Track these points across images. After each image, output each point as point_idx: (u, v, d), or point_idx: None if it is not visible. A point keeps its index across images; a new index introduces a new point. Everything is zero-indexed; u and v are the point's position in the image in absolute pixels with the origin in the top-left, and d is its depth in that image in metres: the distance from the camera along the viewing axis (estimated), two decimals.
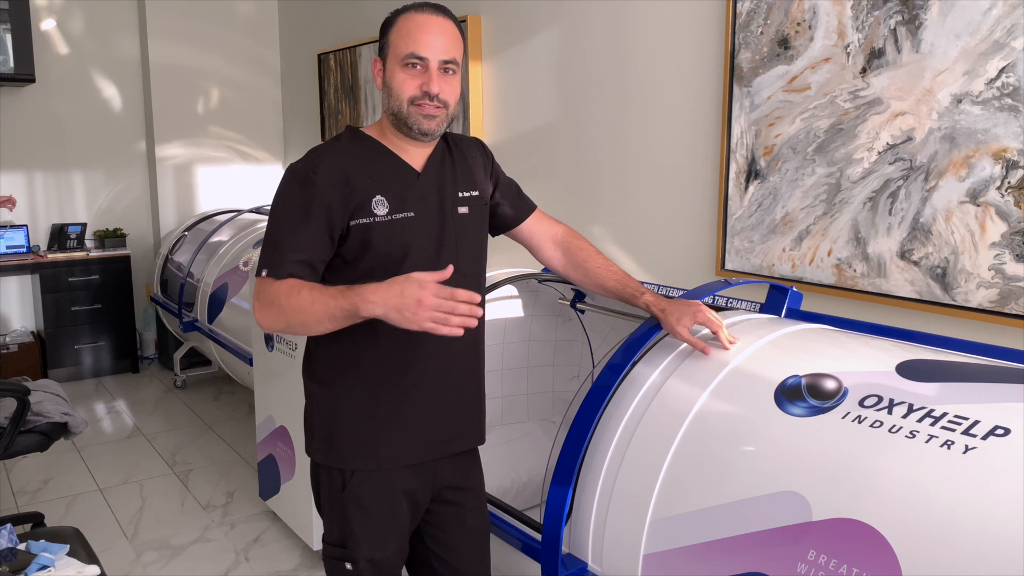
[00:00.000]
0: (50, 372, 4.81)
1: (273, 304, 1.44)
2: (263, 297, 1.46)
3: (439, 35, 1.48)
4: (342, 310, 1.37)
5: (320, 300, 1.39)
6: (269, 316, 1.45)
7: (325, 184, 1.47)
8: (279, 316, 1.44)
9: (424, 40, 1.47)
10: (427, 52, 1.47)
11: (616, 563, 1.52)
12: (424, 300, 1.28)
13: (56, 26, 4.96)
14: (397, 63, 1.49)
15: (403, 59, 1.48)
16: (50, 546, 1.86)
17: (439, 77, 1.48)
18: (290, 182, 1.50)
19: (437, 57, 1.48)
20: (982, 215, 1.95)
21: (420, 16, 1.48)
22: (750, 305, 2.03)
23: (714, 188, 2.62)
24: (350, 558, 1.58)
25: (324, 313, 1.39)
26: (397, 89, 1.49)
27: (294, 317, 1.42)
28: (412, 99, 1.48)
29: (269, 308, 1.45)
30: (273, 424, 2.93)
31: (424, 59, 1.47)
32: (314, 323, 1.41)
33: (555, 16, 3.19)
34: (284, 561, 2.83)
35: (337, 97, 4.85)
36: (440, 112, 1.50)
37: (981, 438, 1.18)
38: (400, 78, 1.49)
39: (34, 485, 3.44)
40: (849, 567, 1.17)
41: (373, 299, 1.32)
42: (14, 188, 4.95)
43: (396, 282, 1.32)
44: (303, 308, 1.41)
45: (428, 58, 1.47)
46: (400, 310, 1.30)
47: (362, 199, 1.48)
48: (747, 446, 1.40)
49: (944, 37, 1.97)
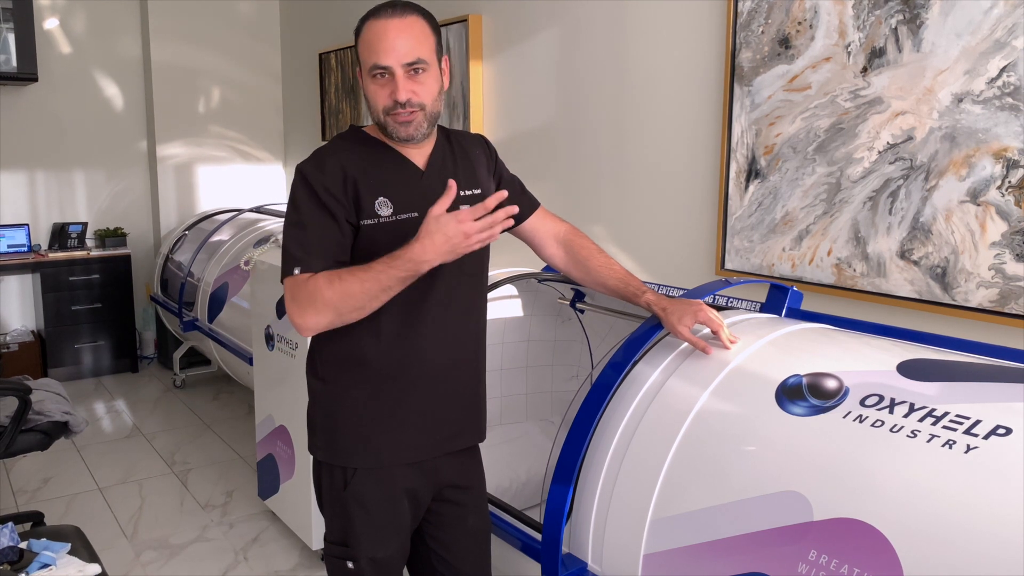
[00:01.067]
0: (50, 371, 4.81)
1: (315, 300, 1.41)
2: (300, 297, 1.43)
3: (399, 38, 1.44)
4: (398, 279, 1.39)
5: (369, 278, 1.39)
6: (313, 314, 1.42)
7: (334, 181, 1.48)
8: (325, 309, 1.41)
9: (384, 48, 1.44)
10: (388, 60, 1.44)
11: (616, 563, 1.52)
12: (467, 229, 1.35)
13: (59, 25, 4.96)
14: (367, 75, 1.49)
15: (369, 71, 1.47)
16: (51, 545, 1.86)
17: (406, 82, 1.46)
18: (302, 182, 1.50)
19: (400, 62, 1.45)
20: (982, 215, 1.95)
21: (378, 23, 1.46)
22: (750, 305, 2.03)
23: (714, 187, 2.61)
24: (351, 557, 1.58)
25: (378, 288, 1.39)
26: (372, 101, 1.50)
27: (344, 304, 1.41)
28: (386, 110, 1.48)
29: (312, 305, 1.42)
30: (273, 423, 2.93)
31: (387, 67, 1.45)
32: (369, 301, 1.41)
33: (555, 16, 3.19)
34: (283, 561, 2.83)
35: (338, 97, 4.85)
36: (416, 115, 1.49)
37: (983, 438, 1.18)
38: (372, 90, 1.49)
39: (34, 484, 3.44)
40: (850, 567, 1.16)
41: (426, 256, 1.37)
42: (15, 187, 4.95)
43: (432, 232, 1.36)
44: (353, 292, 1.40)
45: (390, 66, 1.45)
46: (454, 250, 1.37)
47: (367, 200, 1.49)
48: (748, 446, 1.40)
49: (945, 36, 1.97)
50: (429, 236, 1.37)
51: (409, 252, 1.38)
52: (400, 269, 1.38)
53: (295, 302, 1.44)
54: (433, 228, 1.36)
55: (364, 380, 1.55)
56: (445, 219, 1.36)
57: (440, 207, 1.37)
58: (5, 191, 4.92)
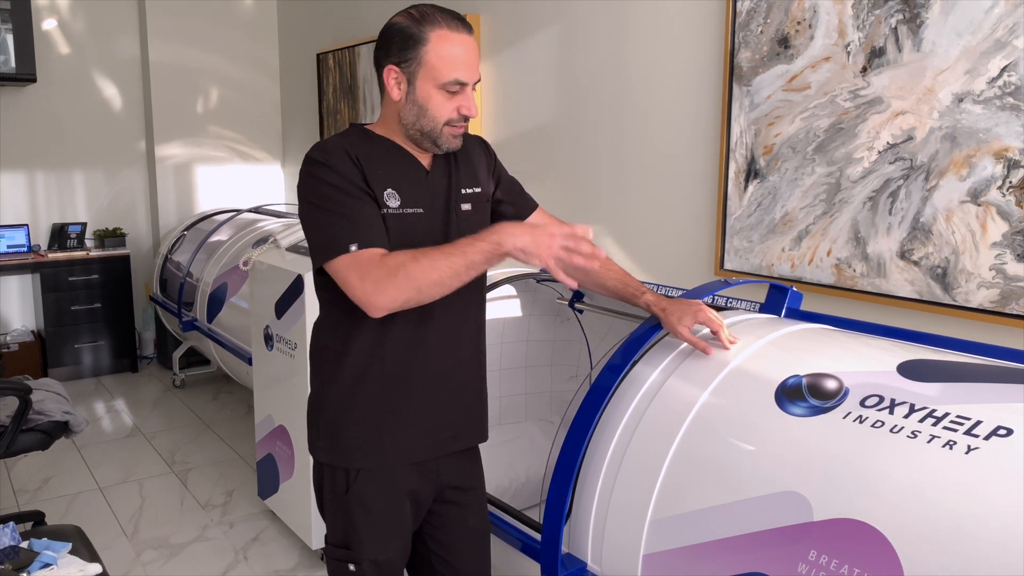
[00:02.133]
0: (50, 371, 4.81)
1: (397, 275, 1.37)
2: (376, 274, 1.38)
3: (475, 56, 1.48)
4: (484, 253, 1.38)
5: (456, 252, 1.38)
6: (393, 290, 1.38)
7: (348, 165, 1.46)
8: (407, 285, 1.37)
9: (467, 64, 1.46)
10: (470, 77, 1.47)
11: (616, 563, 1.52)
12: (555, 235, 1.35)
13: (57, 26, 4.96)
14: (434, 85, 1.46)
15: (445, 84, 1.46)
16: (52, 544, 1.86)
17: (473, 98, 1.50)
18: (318, 166, 1.46)
19: (474, 80, 1.49)
20: (983, 215, 1.95)
21: (457, 36, 1.46)
22: (750, 305, 2.03)
23: (713, 187, 2.61)
24: (353, 559, 1.57)
25: (464, 264, 1.38)
26: (434, 111, 1.48)
27: (427, 279, 1.37)
28: (449, 121, 1.49)
29: (392, 280, 1.37)
30: (272, 423, 2.93)
31: (465, 84, 1.48)
32: (452, 278, 1.38)
33: (555, 16, 3.19)
34: (283, 560, 2.83)
35: (336, 97, 4.85)
36: (464, 127, 1.53)
37: (983, 439, 1.18)
38: (437, 100, 1.47)
39: (34, 484, 3.44)
40: (850, 567, 1.16)
41: (514, 231, 1.36)
42: (15, 187, 4.95)
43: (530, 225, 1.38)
44: (439, 267, 1.37)
45: (468, 82, 1.48)
46: (537, 242, 1.35)
47: (376, 189, 1.48)
48: (748, 446, 1.40)
49: (945, 36, 1.97)
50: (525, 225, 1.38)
51: (497, 230, 1.38)
52: (487, 243, 1.37)
53: (367, 279, 1.38)
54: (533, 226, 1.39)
55: (367, 380, 1.55)
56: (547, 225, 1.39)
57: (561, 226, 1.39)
58: (5, 191, 4.92)
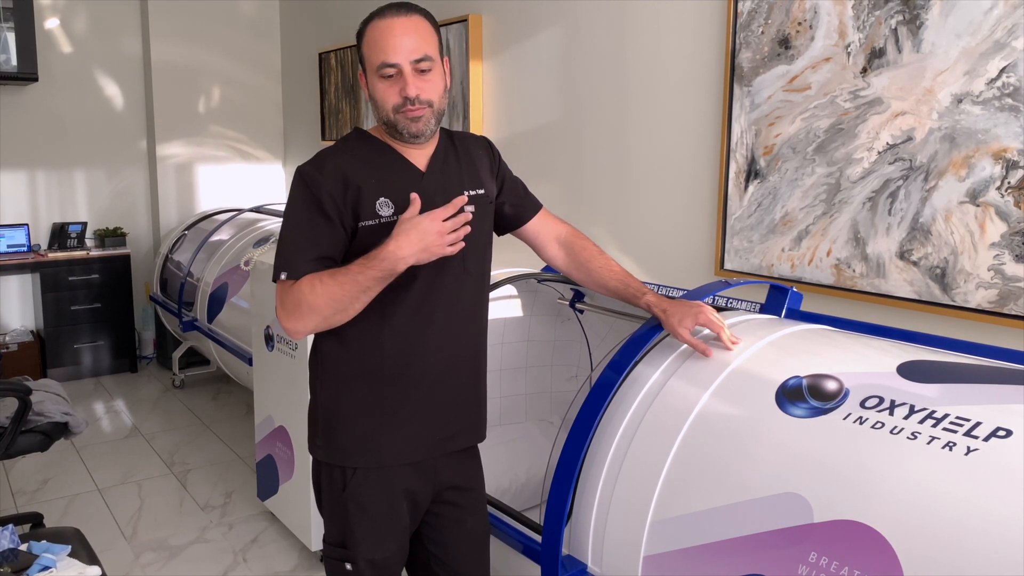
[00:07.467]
0: (49, 371, 4.81)
1: (301, 305, 1.44)
2: (287, 304, 1.47)
3: (405, 36, 1.47)
4: (375, 279, 1.41)
5: (348, 280, 1.41)
6: (299, 319, 1.46)
7: (332, 182, 1.49)
8: (310, 314, 1.44)
9: (391, 46, 1.46)
10: (397, 58, 1.47)
11: (616, 565, 1.52)
12: (441, 229, 1.40)
13: (59, 25, 4.95)
14: (374, 74, 1.50)
15: (377, 69, 1.49)
16: (52, 547, 1.86)
17: (414, 79, 1.48)
18: (299, 183, 1.52)
19: (407, 59, 1.47)
20: (982, 215, 1.95)
21: (383, 22, 1.48)
22: (750, 305, 2.03)
23: (714, 188, 2.61)
24: (350, 558, 1.58)
25: (358, 289, 1.42)
26: (380, 100, 1.51)
27: (327, 307, 1.43)
28: (395, 107, 1.50)
29: (297, 310, 1.45)
30: (272, 424, 2.93)
31: (396, 65, 1.47)
32: (350, 303, 1.43)
33: (556, 16, 3.19)
34: (282, 562, 2.83)
35: (338, 96, 4.85)
36: (424, 111, 1.51)
37: (983, 440, 1.18)
38: (380, 88, 1.50)
39: (33, 485, 3.44)
40: (851, 569, 1.16)
41: (402, 254, 1.39)
42: (15, 187, 4.94)
43: (407, 231, 1.40)
44: (334, 295, 1.42)
45: (399, 63, 1.47)
46: (428, 249, 1.40)
47: (368, 201, 1.50)
48: (748, 447, 1.40)
49: (945, 37, 1.97)
50: (404, 234, 1.40)
51: (384, 251, 1.40)
52: (376, 269, 1.41)
53: (283, 307, 1.48)
54: (408, 226, 1.40)
55: (366, 380, 1.55)
56: (418, 218, 1.40)
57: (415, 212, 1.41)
58: (5, 191, 4.91)
